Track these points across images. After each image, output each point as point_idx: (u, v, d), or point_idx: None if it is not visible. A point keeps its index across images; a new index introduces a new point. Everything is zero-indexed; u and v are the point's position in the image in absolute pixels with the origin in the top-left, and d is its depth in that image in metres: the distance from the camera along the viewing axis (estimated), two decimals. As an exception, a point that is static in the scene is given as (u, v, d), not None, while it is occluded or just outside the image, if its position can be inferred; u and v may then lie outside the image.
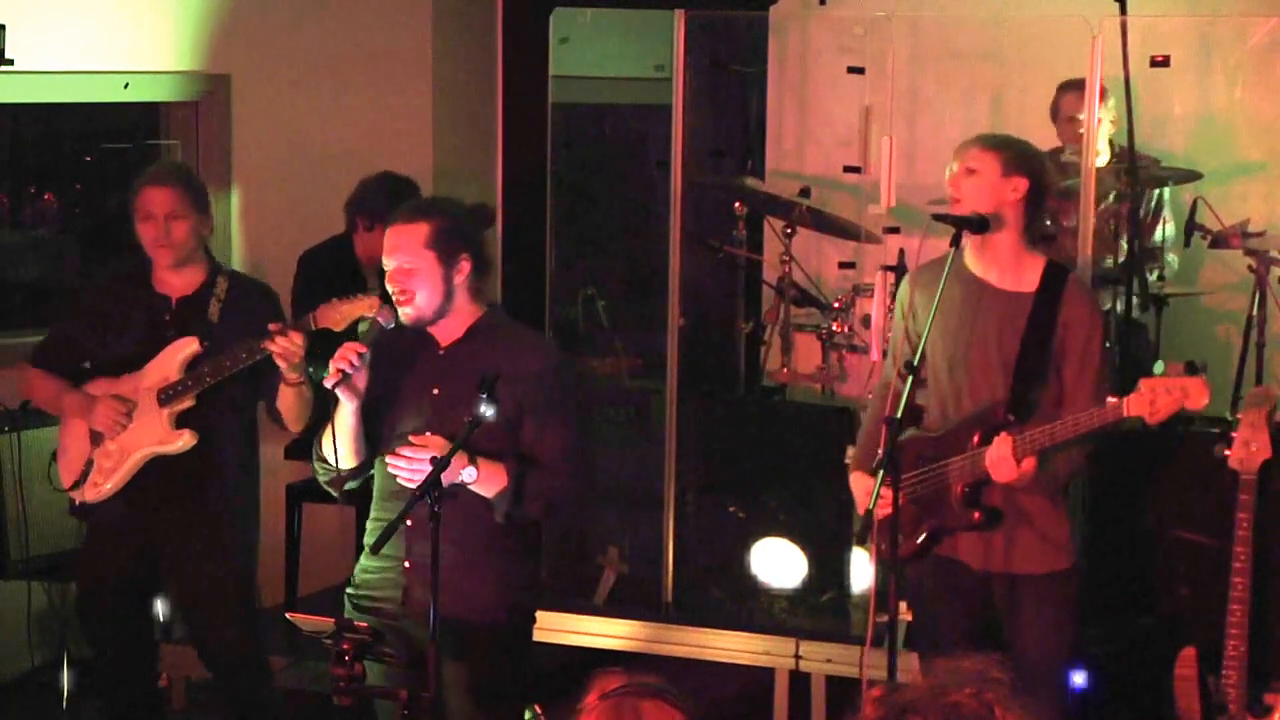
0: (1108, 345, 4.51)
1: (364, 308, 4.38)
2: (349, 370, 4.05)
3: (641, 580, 6.20)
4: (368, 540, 4.29)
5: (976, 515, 4.40)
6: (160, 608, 5.33)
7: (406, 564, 4.17)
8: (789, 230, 6.49)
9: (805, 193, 6.64)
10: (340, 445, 4.17)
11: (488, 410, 3.91)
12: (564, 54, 7.34)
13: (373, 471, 4.29)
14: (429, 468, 3.98)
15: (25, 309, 6.75)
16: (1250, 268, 5.86)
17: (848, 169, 6.37)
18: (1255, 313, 5.85)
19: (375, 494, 4.29)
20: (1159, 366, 4.17)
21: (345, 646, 3.80)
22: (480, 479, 4.04)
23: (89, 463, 4.95)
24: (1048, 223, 5.71)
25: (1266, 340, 5.85)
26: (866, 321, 5.89)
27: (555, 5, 7.13)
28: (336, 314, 4.44)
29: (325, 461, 4.21)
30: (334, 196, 6.07)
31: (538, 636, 4.49)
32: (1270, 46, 6.59)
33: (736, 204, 6.72)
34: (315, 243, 6.21)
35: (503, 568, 4.19)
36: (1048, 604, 4.47)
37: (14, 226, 6.91)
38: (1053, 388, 4.40)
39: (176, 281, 4.98)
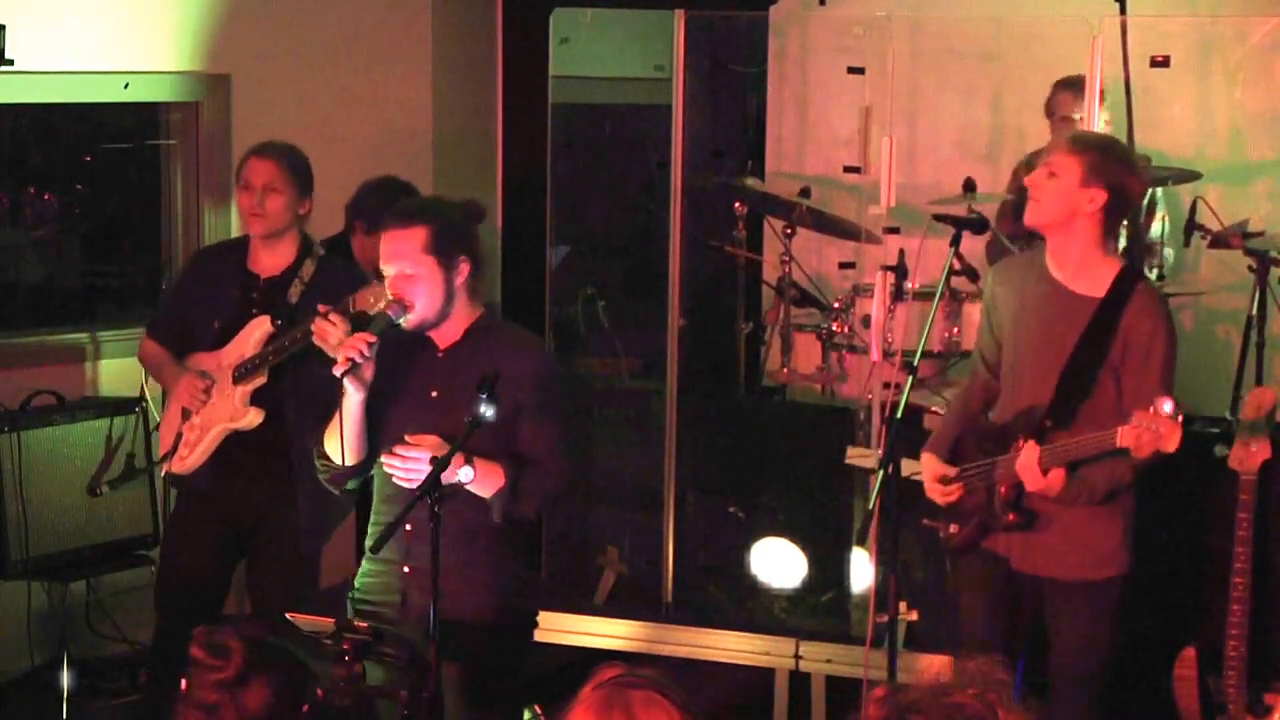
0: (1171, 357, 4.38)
1: None
2: (358, 359, 4.03)
3: (641, 580, 6.20)
4: (368, 542, 4.28)
5: (1011, 517, 4.39)
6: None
7: (405, 569, 4.16)
8: (789, 230, 6.48)
9: (805, 193, 6.63)
10: (345, 438, 4.14)
11: (488, 410, 3.90)
12: (564, 54, 7.34)
13: (373, 473, 4.28)
14: (425, 467, 3.98)
15: (25, 309, 6.75)
16: (1250, 268, 5.85)
17: (848, 169, 6.36)
18: (1255, 313, 5.84)
19: (375, 497, 4.28)
20: (1167, 405, 4.12)
21: (345, 646, 3.81)
22: (477, 479, 4.02)
23: (179, 435, 5.08)
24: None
25: (1266, 340, 5.84)
26: (866, 321, 5.88)
27: (555, 5, 7.12)
28: (373, 295, 4.42)
29: (327, 459, 4.21)
30: (333, 196, 6.06)
31: (538, 637, 4.48)
32: (1270, 46, 6.59)
33: (736, 204, 6.72)
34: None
35: (493, 569, 4.17)
36: (1080, 611, 4.44)
37: (14, 226, 6.91)
38: (1110, 395, 4.33)
39: (268, 261, 5.10)
